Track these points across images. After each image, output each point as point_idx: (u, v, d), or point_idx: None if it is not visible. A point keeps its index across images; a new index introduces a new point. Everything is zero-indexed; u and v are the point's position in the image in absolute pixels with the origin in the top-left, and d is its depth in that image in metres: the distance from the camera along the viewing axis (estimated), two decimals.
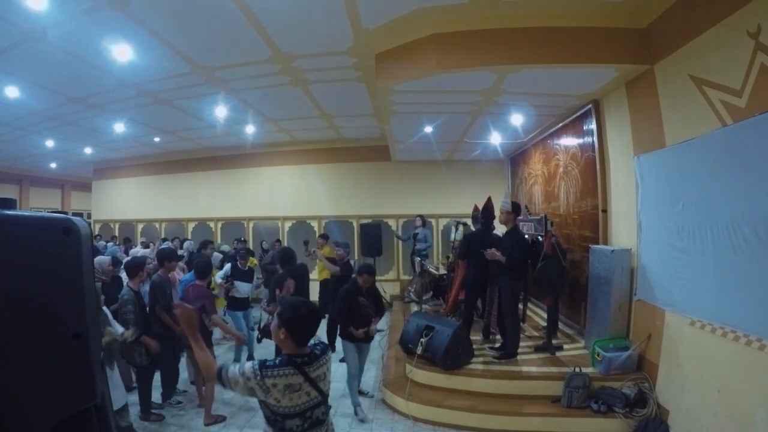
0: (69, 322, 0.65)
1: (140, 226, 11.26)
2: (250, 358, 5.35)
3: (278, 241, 9.08)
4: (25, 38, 4.04)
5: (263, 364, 1.80)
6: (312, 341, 2.00)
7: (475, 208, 6.03)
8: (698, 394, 3.26)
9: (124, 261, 5.14)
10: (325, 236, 8.24)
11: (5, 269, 0.61)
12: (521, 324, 5.58)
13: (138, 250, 7.49)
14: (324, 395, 1.91)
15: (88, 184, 12.38)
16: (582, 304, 5.11)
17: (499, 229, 5.20)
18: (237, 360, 5.20)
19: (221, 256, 7.26)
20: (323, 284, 8.10)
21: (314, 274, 8.40)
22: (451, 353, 4.30)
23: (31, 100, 5.86)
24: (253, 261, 7.22)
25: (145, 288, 4.36)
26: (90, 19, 3.74)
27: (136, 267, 4.19)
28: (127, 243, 9.48)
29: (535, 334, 5.43)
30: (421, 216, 8.25)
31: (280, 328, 1.89)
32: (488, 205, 5.21)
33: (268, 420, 1.85)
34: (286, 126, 8.15)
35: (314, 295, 8.21)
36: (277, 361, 1.83)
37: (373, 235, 8.64)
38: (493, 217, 5.18)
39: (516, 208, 4.59)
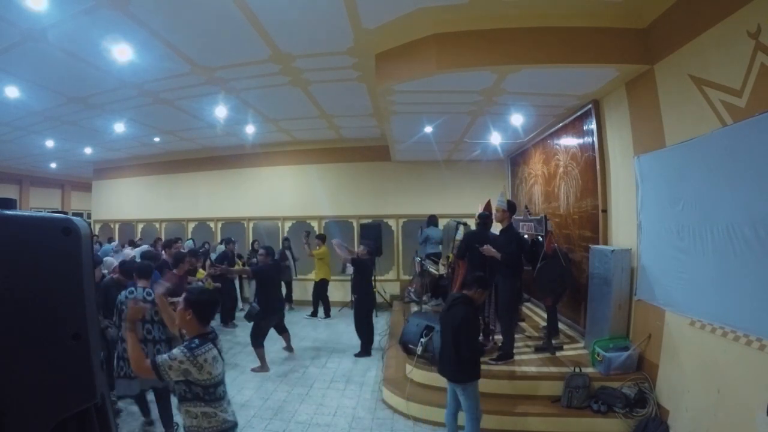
0: (69, 323, 0.65)
1: (140, 226, 11.26)
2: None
3: (287, 239, 9.33)
4: (25, 38, 4.04)
5: (189, 347, 2.08)
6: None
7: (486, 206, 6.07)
8: (698, 394, 3.26)
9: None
10: (322, 237, 8.31)
11: (5, 269, 0.60)
12: (518, 323, 5.59)
13: (129, 252, 7.37)
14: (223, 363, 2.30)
15: (88, 184, 12.38)
16: (582, 304, 5.11)
17: (495, 229, 5.22)
18: None
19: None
20: (318, 285, 8.19)
21: (312, 274, 8.52)
22: None
23: (31, 100, 5.85)
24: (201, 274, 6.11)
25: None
26: (90, 19, 3.74)
27: (147, 270, 3.88)
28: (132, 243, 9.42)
29: (535, 334, 5.43)
30: (431, 216, 8.11)
31: (187, 310, 2.18)
32: (489, 207, 5.32)
33: (201, 399, 2.09)
34: (287, 126, 8.14)
35: (306, 294, 8.32)
36: (197, 342, 2.12)
37: (373, 235, 8.64)
38: (492, 220, 5.22)
39: (511, 207, 4.73)
